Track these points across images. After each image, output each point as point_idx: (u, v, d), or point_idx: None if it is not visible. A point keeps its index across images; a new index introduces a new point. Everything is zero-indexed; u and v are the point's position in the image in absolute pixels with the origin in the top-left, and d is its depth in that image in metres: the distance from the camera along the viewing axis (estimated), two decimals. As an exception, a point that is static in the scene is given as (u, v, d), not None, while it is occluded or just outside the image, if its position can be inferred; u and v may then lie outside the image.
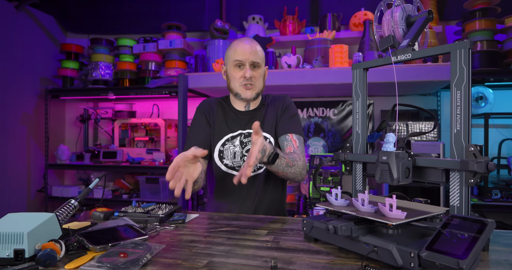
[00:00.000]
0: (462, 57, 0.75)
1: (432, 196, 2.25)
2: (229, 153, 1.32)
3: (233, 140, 1.33)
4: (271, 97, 1.44)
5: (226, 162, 1.32)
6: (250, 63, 1.28)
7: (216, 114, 1.37)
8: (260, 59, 1.30)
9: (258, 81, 1.31)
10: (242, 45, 1.29)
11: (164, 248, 0.83)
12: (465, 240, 0.61)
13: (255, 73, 1.30)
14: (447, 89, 2.66)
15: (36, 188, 3.18)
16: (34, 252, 0.72)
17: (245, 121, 1.36)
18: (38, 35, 3.20)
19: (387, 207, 0.73)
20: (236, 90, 1.31)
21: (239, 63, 1.28)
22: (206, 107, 1.39)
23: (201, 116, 1.37)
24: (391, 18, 0.87)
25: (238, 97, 1.32)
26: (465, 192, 0.74)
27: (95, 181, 1.07)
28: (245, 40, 1.31)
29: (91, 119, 3.41)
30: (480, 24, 2.31)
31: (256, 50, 1.30)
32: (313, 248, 0.83)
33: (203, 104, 1.41)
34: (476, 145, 0.72)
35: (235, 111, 1.38)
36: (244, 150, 1.32)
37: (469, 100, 0.74)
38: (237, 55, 1.28)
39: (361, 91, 0.99)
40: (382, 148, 0.82)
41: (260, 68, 1.31)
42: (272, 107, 1.39)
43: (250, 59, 1.28)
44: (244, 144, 1.33)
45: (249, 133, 1.34)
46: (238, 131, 1.34)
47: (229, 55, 1.31)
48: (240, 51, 1.28)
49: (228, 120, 1.36)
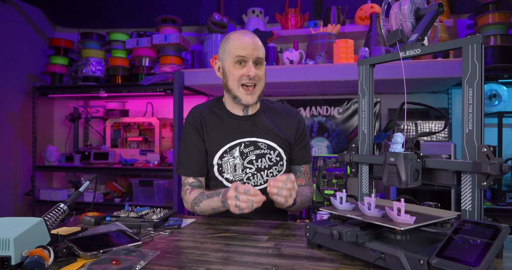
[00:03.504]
0: (474, 53, 0.75)
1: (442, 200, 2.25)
2: (229, 167, 1.27)
3: (232, 151, 1.27)
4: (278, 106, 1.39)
5: (227, 176, 1.28)
6: (254, 59, 1.21)
7: (209, 123, 1.30)
8: (264, 55, 1.25)
9: (261, 80, 1.25)
10: (243, 38, 1.21)
11: (158, 255, 0.83)
12: (478, 247, 0.61)
13: (259, 71, 1.24)
14: (458, 87, 2.66)
15: (23, 191, 3.18)
16: (21, 259, 0.72)
17: (244, 128, 1.29)
18: (25, 29, 3.20)
19: (395, 212, 0.73)
20: (235, 92, 1.24)
21: (241, 59, 1.21)
22: (196, 118, 1.31)
23: (192, 131, 1.30)
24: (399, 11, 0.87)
25: (237, 101, 1.26)
26: (478, 196, 0.74)
27: (86, 183, 1.07)
28: (246, 33, 1.24)
29: (81, 118, 3.41)
30: (494, 18, 2.31)
31: (259, 44, 1.23)
32: (316, 255, 0.83)
33: (192, 115, 1.32)
34: (489, 146, 0.72)
35: (231, 115, 1.31)
36: (246, 161, 1.27)
37: (482, 98, 0.74)
38: (238, 50, 1.20)
39: (368, 88, 0.99)
40: (389, 149, 0.82)
41: (263, 65, 1.26)
42: (281, 121, 1.34)
43: (254, 54, 1.21)
44: (245, 154, 1.27)
45: (250, 142, 1.28)
46: (236, 140, 1.28)
47: (229, 50, 1.23)
48: (242, 46, 1.20)
49: (223, 128, 1.29)
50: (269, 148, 1.29)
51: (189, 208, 1.28)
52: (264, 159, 1.29)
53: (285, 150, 1.32)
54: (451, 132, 2.74)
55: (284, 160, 1.32)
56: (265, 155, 1.29)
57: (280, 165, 1.31)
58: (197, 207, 1.22)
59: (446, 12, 2.62)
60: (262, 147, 1.29)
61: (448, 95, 2.79)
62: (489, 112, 2.49)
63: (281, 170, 1.32)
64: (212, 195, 1.17)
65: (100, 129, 3.43)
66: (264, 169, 1.28)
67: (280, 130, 1.32)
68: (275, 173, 1.30)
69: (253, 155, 1.28)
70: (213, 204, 1.16)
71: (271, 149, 1.30)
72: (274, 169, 1.30)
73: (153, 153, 2.96)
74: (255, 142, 1.29)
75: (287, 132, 1.33)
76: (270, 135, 1.30)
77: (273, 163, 1.30)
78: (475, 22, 2.44)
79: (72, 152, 3.23)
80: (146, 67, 2.98)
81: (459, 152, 2.26)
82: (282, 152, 1.31)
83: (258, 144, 1.29)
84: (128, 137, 3.25)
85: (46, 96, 3.21)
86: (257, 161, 1.28)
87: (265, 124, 1.31)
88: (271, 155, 1.29)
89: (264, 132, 1.30)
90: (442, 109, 2.76)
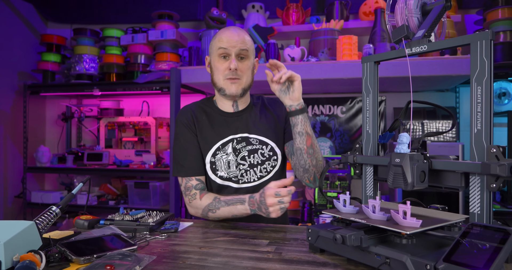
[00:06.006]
0: (483, 49, 0.75)
1: (450, 203, 2.25)
2: (222, 164, 1.29)
3: (225, 148, 1.30)
4: (264, 98, 1.43)
5: (220, 174, 1.29)
6: (236, 53, 1.25)
7: (200, 121, 1.33)
8: (249, 49, 1.27)
9: (245, 74, 1.28)
10: (228, 33, 1.26)
11: (154, 260, 0.83)
12: (487, 251, 0.61)
13: (242, 65, 1.27)
14: (466, 85, 2.66)
15: (13, 194, 3.18)
16: (11, 264, 0.72)
17: (235, 124, 1.33)
18: (15, 25, 3.20)
19: (400, 215, 0.73)
20: (219, 84, 1.28)
21: (224, 52, 1.25)
22: (188, 116, 1.33)
23: (185, 129, 1.32)
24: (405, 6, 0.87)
25: (222, 93, 1.29)
26: (487, 198, 0.74)
27: (79, 185, 1.07)
28: (232, 28, 1.29)
29: (74, 117, 3.41)
30: (503, 13, 2.31)
31: (244, 39, 1.27)
32: (319, 259, 0.83)
33: (182, 114, 1.35)
34: (498, 146, 0.72)
35: (221, 113, 1.35)
36: (239, 157, 1.30)
37: (491, 96, 0.74)
38: (221, 43, 1.25)
39: (372, 86, 0.99)
40: (395, 150, 0.82)
41: (248, 60, 1.28)
42: (270, 111, 1.38)
43: (237, 47, 1.24)
44: (238, 150, 1.30)
45: (241, 138, 1.31)
46: (229, 136, 1.31)
47: (213, 44, 1.29)
48: (226, 39, 1.25)
49: (215, 125, 1.33)
50: (261, 143, 1.32)
51: (198, 214, 1.27)
52: (257, 154, 1.31)
53: (279, 144, 1.35)
54: (459, 132, 2.74)
55: (278, 155, 1.34)
56: (257, 151, 1.31)
57: (274, 160, 1.33)
58: (213, 213, 1.22)
59: (453, 7, 2.62)
60: (254, 142, 1.32)
61: (456, 93, 2.79)
62: (499, 111, 2.49)
63: (275, 165, 1.33)
64: (232, 202, 1.18)
65: (94, 129, 3.43)
66: (257, 165, 1.31)
67: (272, 120, 1.36)
68: (269, 169, 1.32)
69: (245, 151, 1.31)
70: (236, 211, 1.17)
71: (263, 144, 1.32)
72: (267, 164, 1.32)
73: (149, 153, 2.96)
74: (246, 138, 1.32)
75: (278, 118, 1.37)
76: (261, 130, 1.33)
77: (266, 158, 1.32)
78: (484, 17, 2.44)
79: (64, 153, 3.23)
80: (141, 65, 2.98)
81: (467, 153, 2.26)
82: (275, 146, 1.33)
83: (250, 139, 1.32)
84: (123, 137, 3.25)
85: (38, 95, 3.21)
86: (249, 157, 1.30)
87: (256, 118, 1.35)
88: (264, 150, 1.32)
89: (255, 127, 1.33)
90: (450, 108, 2.76)
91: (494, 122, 0.76)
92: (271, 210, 1.07)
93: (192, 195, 1.27)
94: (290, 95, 1.19)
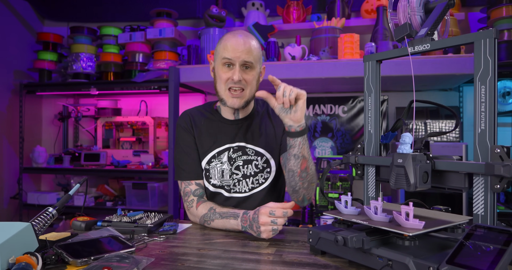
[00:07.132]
0: (487, 48, 0.75)
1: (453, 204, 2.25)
2: (216, 172, 1.30)
3: (220, 157, 1.30)
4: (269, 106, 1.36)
5: (213, 182, 1.30)
6: (241, 63, 1.21)
7: (199, 127, 1.33)
8: (255, 59, 1.23)
9: (249, 85, 1.25)
10: (234, 40, 1.21)
11: (153, 262, 0.83)
12: (491, 253, 0.61)
13: (247, 75, 1.23)
14: (470, 84, 2.66)
15: (9, 195, 3.18)
16: (7, 266, 0.72)
17: (233, 133, 1.32)
18: (11, 23, 3.20)
19: (403, 216, 0.73)
20: (221, 94, 1.26)
21: (228, 61, 1.22)
22: (187, 120, 1.34)
23: (185, 133, 1.33)
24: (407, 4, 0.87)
25: (223, 104, 1.28)
26: (490, 199, 0.74)
27: (76, 186, 1.07)
28: (238, 34, 1.24)
29: (71, 117, 3.41)
30: (508, 11, 2.31)
31: (251, 47, 1.22)
32: (320, 262, 0.83)
33: (182, 118, 1.36)
34: (502, 147, 0.72)
35: (221, 119, 1.34)
36: (233, 167, 1.29)
37: (495, 95, 0.74)
38: (226, 52, 1.21)
39: (374, 85, 0.99)
40: (397, 150, 0.82)
41: (253, 70, 1.24)
42: (271, 121, 1.36)
43: (242, 58, 1.20)
44: (233, 160, 1.30)
45: (238, 147, 1.31)
46: (226, 145, 1.31)
47: (218, 51, 1.25)
48: (231, 47, 1.20)
49: (213, 132, 1.32)
50: (256, 154, 1.31)
51: (196, 221, 1.26)
52: (251, 165, 1.31)
53: (274, 155, 1.33)
54: (462, 132, 2.74)
55: (272, 166, 1.32)
56: (251, 162, 1.31)
57: (267, 172, 1.32)
58: (208, 224, 1.21)
59: (457, 5, 2.62)
60: (250, 153, 1.31)
61: (459, 92, 2.79)
62: (503, 111, 2.49)
63: (268, 177, 1.32)
64: (226, 215, 1.15)
65: (91, 129, 3.43)
66: (249, 176, 1.30)
67: (272, 130, 1.34)
68: (261, 181, 1.31)
69: (240, 161, 1.30)
70: (229, 225, 1.14)
71: (258, 155, 1.31)
72: (260, 176, 1.31)
73: (147, 154, 2.96)
74: (243, 147, 1.31)
75: (277, 129, 1.35)
76: (258, 140, 1.32)
77: (259, 170, 1.31)
78: (488, 15, 2.43)
79: (61, 153, 3.23)
80: (139, 63, 2.98)
81: (470, 153, 2.26)
82: (270, 157, 1.32)
83: (246, 149, 1.31)
84: (121, 137, 3.25)
85: (34, 94, 3.21)
86: (244, 167, 1.30)
87: (255, 128, 1.33)
88: (258, 162, 1.31)
89: (253, 137, 1.32)
90: (453, 108, 2.76)
91: (498, 122, 0.76)
92: (262, 229, 1.02)
93: (189, 202, 1.28)
94: (291, 115, 1.12)
